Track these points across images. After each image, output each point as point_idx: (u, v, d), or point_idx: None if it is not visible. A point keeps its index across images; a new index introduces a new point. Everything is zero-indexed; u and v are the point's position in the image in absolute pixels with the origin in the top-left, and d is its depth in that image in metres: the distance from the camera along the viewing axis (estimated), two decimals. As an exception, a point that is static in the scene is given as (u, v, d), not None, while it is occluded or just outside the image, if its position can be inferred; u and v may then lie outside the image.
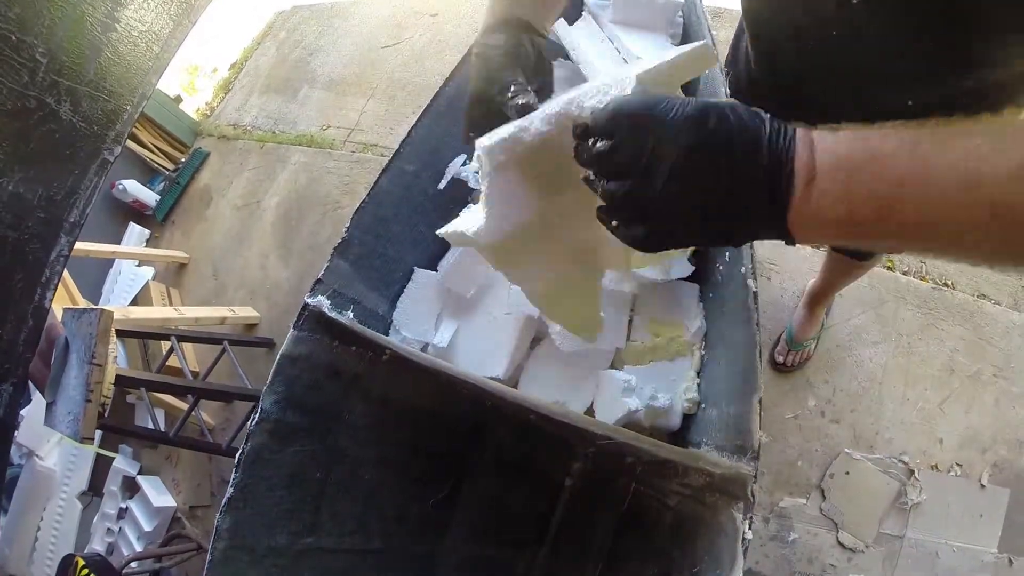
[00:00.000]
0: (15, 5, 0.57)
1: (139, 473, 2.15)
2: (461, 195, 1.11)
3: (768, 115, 0.39)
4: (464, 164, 1.10)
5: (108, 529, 2.07)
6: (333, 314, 0.82)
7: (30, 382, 0.85)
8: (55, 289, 0.70)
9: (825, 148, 0.37)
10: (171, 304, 2.40)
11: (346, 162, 2.39)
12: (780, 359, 1.42)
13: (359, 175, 2.31)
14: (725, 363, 0.84)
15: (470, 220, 0.56)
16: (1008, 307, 1.43)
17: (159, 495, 2.05)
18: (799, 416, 1.41)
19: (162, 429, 1.79)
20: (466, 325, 1.04)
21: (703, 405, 0.90)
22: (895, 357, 1.42)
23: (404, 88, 2.48)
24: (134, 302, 2.43)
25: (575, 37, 1.10)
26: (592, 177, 0.44)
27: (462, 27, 2.49)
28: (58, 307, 0.93)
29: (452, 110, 1.04)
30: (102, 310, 0.88)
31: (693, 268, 0.97)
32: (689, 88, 1.07)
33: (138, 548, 1.95)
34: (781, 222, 0.38)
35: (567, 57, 1.12)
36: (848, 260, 1.14)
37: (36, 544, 2.16)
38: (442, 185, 1.07)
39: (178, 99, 3.13)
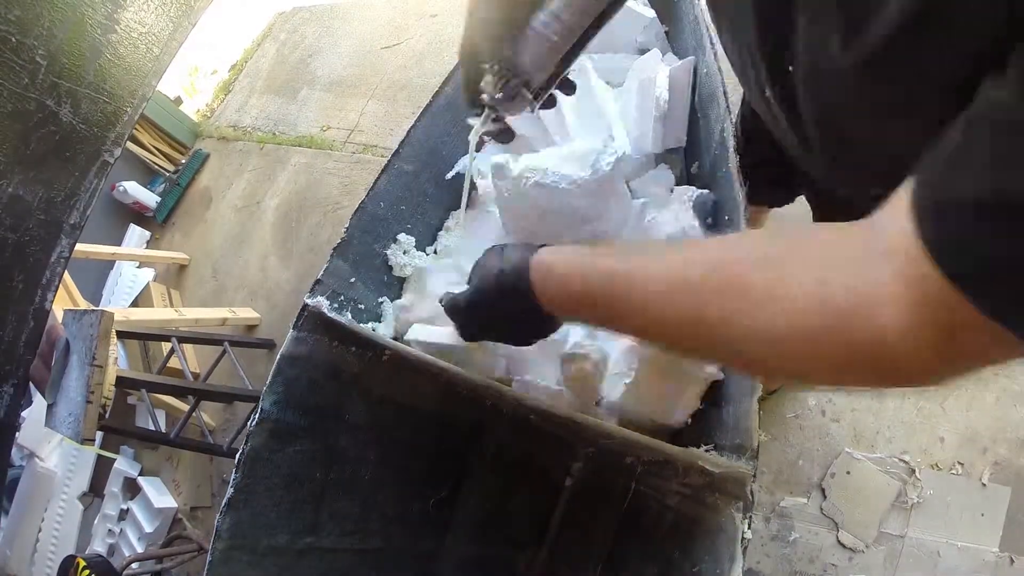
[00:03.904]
0: (15, 7, 0.57)
1: (140, 474, 2.15)
2: (460, 195, 1.11)
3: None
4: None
5: (109, 530, 2.07)
6: (333, 314, 0.82)
7: (31, 383, 0.86)
8: (56, 291, 0.71)
9: (549, 251, 0.54)
10: (171, 305, 2.41)
11: (346, 163, 2.39)
12: None
13: (359, 176, 2.32)
14: (725, 362, 0.84)
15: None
16: (1008, 306, 1.43)
17: (160, 496, 2.05)
18: (799, 415, 1.41)
19: (163, 430, 1.79)
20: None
21: (703, 404, 0.89)
22: (895, 356, 1.42)
23: (404, 89, 2.48)
24: (135, 303, 2.43)
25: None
26: None
27: (462, 28, 2.50)
28: (59, 308, 0.93)
29: (451, 110, 1.04)
30: (103, 311, 0.88)
31: None
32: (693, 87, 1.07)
33: (139, 549, 1.95)
34: (534, 302, 0.53)
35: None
36: None
37: (37, 545, 2.16)
38: (449, 176, 1.06)
39: (178, 101, 3.14)
